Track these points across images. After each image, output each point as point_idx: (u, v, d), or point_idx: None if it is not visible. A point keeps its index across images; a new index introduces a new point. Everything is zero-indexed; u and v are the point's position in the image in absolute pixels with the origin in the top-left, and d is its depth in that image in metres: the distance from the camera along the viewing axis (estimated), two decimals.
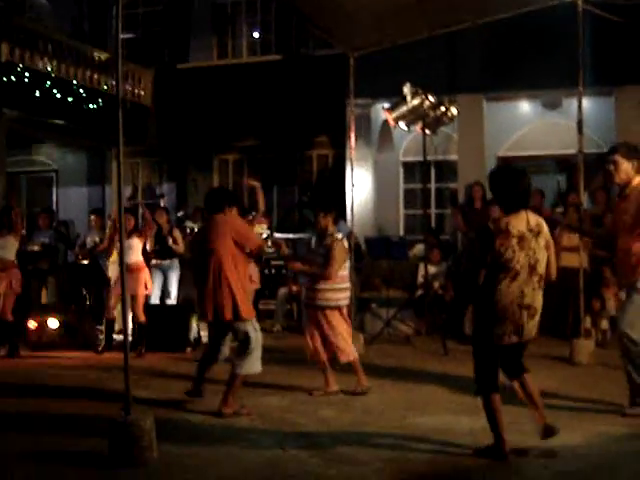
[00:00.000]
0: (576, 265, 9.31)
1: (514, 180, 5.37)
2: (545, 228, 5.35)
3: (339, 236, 7.68)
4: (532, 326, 5.27)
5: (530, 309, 5.22)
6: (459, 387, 7.66)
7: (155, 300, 11.74)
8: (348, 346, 7.63)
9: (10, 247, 10.39)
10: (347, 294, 7.79)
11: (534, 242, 5.18)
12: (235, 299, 6.72)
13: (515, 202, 5.28)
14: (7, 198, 14.31)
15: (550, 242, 5.35)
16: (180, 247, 11.94)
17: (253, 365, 6.82)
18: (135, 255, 10.37)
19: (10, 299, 10.36)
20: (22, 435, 6.19)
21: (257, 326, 6.94)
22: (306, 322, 7.83)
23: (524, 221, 5.21)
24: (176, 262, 12.16)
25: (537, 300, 5.27)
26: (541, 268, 5.23)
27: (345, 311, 7.80)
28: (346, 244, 7.77)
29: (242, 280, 6.90)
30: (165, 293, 12.18)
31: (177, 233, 12.18)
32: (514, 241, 5.13)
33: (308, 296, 7.70)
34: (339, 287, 7.62)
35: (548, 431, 5.26)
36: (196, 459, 5.50)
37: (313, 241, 7.75)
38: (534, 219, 5.30)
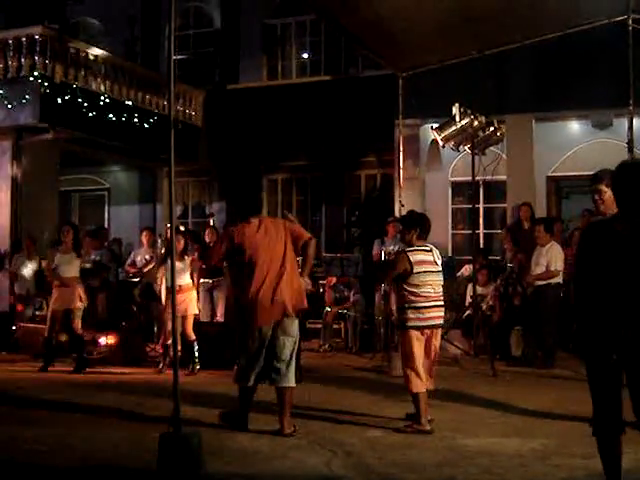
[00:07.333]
0: None
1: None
2: None
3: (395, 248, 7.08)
4: None
5: None
6: (507, 409, 7.61)
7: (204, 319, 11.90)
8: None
9: (74, 264, 10.66)
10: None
11: None
12: None
13: None
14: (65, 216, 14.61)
15: None
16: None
17: None
18: (182, 277, 10.04)
19: (79, 314, 10.58)
20: (73, 449, 6.26)
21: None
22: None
23: None
24: (223, 281, 12.28)
25: None
26: None
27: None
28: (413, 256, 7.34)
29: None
30: (212, 312, 12.35)
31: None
32: None
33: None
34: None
35: None
36: (243, 477, 5.52)
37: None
38: None
